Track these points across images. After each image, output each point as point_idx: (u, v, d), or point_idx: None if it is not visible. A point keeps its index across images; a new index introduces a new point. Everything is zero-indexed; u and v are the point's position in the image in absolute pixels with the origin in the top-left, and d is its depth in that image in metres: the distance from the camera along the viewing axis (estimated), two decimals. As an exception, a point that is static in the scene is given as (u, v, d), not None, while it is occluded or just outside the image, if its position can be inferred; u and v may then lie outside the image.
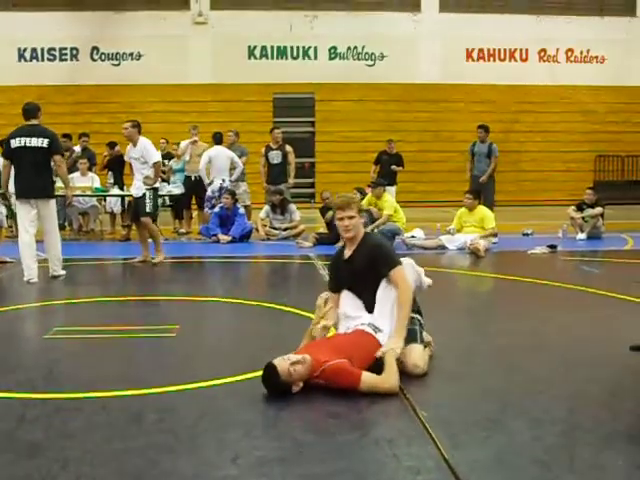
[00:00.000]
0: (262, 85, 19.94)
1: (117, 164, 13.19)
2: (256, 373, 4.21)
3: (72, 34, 19.67)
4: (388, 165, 15.30)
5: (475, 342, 5.41)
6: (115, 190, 12.85)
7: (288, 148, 13.06)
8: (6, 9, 19.55)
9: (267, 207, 12.53)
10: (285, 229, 12.31)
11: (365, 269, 4.63)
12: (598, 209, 12.16)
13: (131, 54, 20.07)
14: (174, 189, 12.96)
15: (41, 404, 3.98)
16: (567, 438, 3.46)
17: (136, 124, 9.38)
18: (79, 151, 13.58)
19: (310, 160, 20.48)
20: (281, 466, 3.14)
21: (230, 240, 11.75)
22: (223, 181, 12.50)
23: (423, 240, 11.49)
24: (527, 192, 20.37)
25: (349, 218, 4.67)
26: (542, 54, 21.21)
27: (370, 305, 4.62)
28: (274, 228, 12.38)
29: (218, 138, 12.88)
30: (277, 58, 20.53)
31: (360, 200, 11.67)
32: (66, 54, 19.95)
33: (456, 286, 8.47)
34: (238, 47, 20.21)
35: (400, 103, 20.20)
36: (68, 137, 13.35)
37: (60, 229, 9.20)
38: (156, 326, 5.81)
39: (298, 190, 16.69)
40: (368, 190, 12.08)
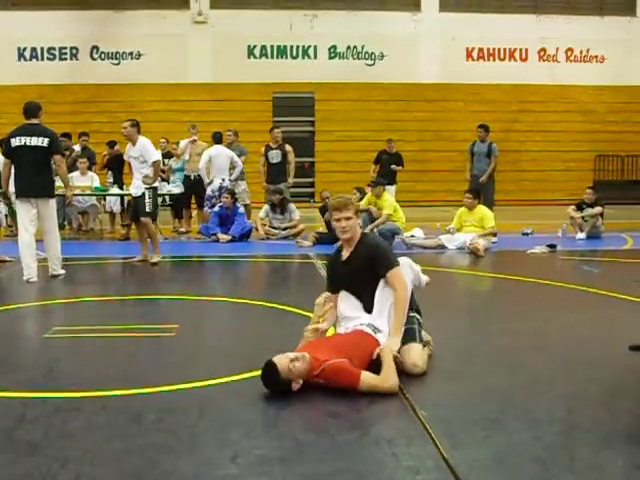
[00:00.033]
0: (262, 84, 19.94)
1: (117, 163, 13.19)
2: (255, 372, 4.20)
3: (72, 33, 19.67)
4: (388, 164, 15.30)
5: (474, 341, 5.41)
6: (115, 189, 12.86)
7: (288, 147, 13.06)
8: (6, 8, 19.55)
9: (267, 206, 12.53)
10: (285, 228, 12.31)
11: (363, 270, 4.62)
12: (598, 209, 12.17)
13: (131, 53, 20.07)
14: (174, 188, 12.95)
15: (41, 403, 3.98)
16: (566, 438, 3.46)
17: (135, 123, 9.37)
18: (79, 150, 13.58)
19: (310, 159, 20.49)
20: (281, 465, 3.14)
21: (230, 239, 11.75)
22: (223, 180, 12.50)
23: (423, 239, 11.51)
24: (527, 192, 20.38)
25: (346, 219, 4.66)
26: (542, 54, 21.21)
27: (369, 306, 4.62)
28: (274, 227, 12.38)
29: (218, 137, 12.88)
30: (277, 57, 20.53)
31: (360, 199, 11.76)
32: (66, 53, 19.95)
33: (455, 286, 8.47)
34: (238, 46, 20.21)
35: (400, 103, 20.21)
36: (68, 136, 13.34)
37: (60, 228, 9.20)
38: (155, 325, 5.81)
39: (298, 189, 16.68)
40: (368, 189, 12.07)
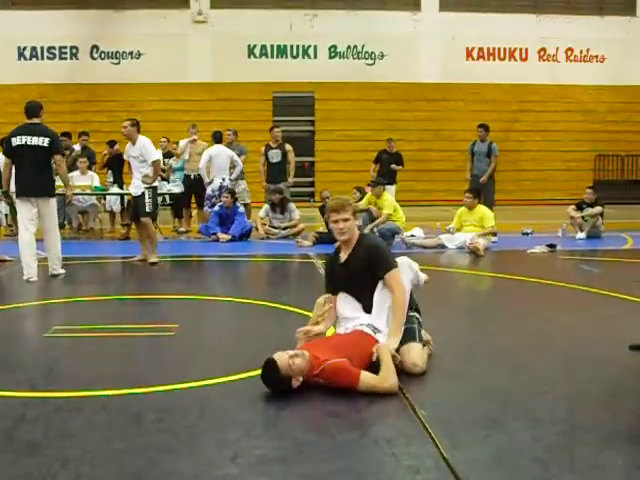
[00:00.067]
0: (262, 84, 19.94)
1: (117, 163, 13.18)
2: (255, 372, 4.20)
3: (72, 33, 19.67)
4: (388, 164, 15.30)
5: (475, 341, 5.41)
6: (115, 189, 12.85)
7: (288, 147, 13.05)
8: (6, 8, 19.56)
9: (267, 206, 12.53)
10: (285, 228, 12.30)
11: (362, 272, 4.60)
12: (598, 208, 12.17)
13: (131, 53, 20.07)
14: (174, 188, 12.94)
15: (41, 403, 3.97)
16: (567, 438, 3.45)
17: (135, 123, 9.38)
18: (79, 150, 13.58)
19: (310, 159, 20.50)
20: (281, 465, 3.14)
21: (230, 239, 11.75)
22: (223, 180, 12.50)
23: (423, 239, 11.50)
24: (527, 191, 20.38)
25: (344, 221, 4.63)
26: (542, 53, 21.21)
27: (368, 307, 4.61)
28: (274, 227, 12.37)
29: (218, 137, 12.88)
30: (277, 57, 20.53)
31: (360, 199, 11.77)
32: (66, 53, 19.96)
33: (455, 285, 8.47)
34: (238, 46, 20.21)
35: (400, 102, 20.21)
36: (68, 136, 13.34)
37: (60, 228, 9.19)
38: (155, 325, 5.81)
39: (298, 189, 16.69)
40: (368, 189, 12.07)
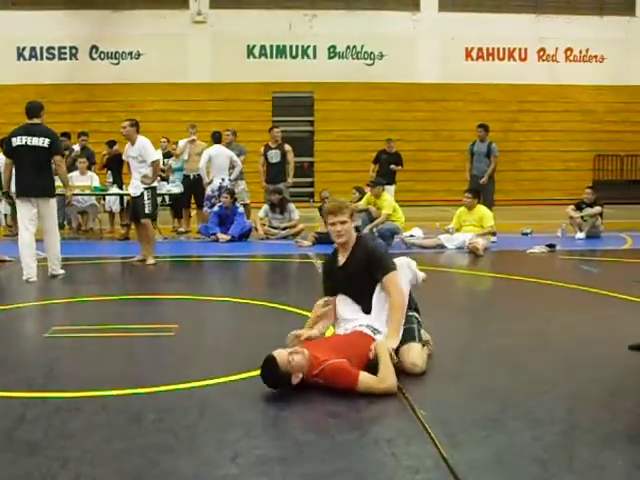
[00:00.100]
0: (261, 84, 19.95)
1: (116, 163, 13.17)
2: (255, 372, 4.20)
3: (71, 33, 19.67)
4: (387, 164, 15.30)
5: (474, 341, 5.42)
6: (114, 189, 12.84)
7: (287, 147, 13.05)
8: (5, 8, 19.56)
9: (266, 206, 12.52)
10: (284, 228, 12.30)
11: (360, 275, 4.58)
12: (597, 208, 12.17)
13: (130, 53, 20.07)
14: (173, 188, 12.94)
15: (41, 403, 3.97)
16: (567, 438, 3.45)
17: (134, 123, 9.38)
18: (78, 150, 13.58)
19: (309, 159, 20.50)
20: (281, 465, 3.14)
21: (229, 239, 11.75)
22: (223, 180, 12.51)
23: (422, 239, 11.50)
24: (526, 191, 20.39)
25: (341, 223, 4.60)
26: (541, 53, 21.22)
27: (367, 308, 4.60)
28: (273, 227, 12.37)
29: (217, 137, 12.89)
30: (276, 57, 20.53)
31: (359, 199, 11.77)
32: (65, 53, 19.96)
33: (455, 285, 8.47)
34: (237, 46, 20.21)
35: (399, 102, 20.21)
36: (67, 136, 13.34)
37: (59, 228, 9.19)
38: (155, 325, 5.81)
39: (297, 189, 16.67)
40: (367, 189, 12.07)
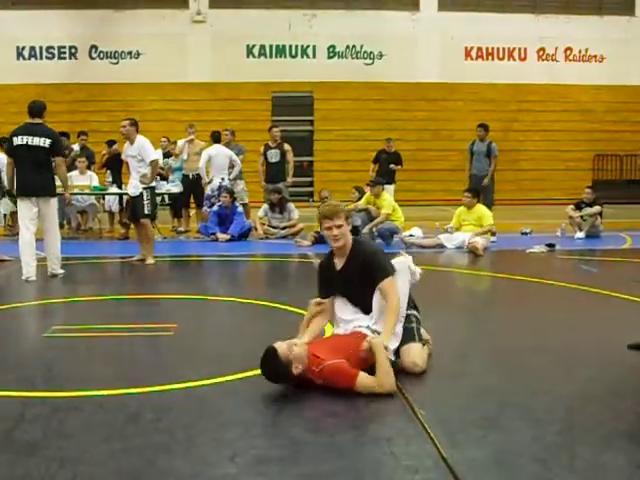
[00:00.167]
0: (261, 84, 19.95)
1: (115, 162, 13.16)
2: (254, 372, 4.20)
3: (71, 32, 19.67)
4: (387, 164, 15.30)
5: (473, 341, 5.41)
6: (113, 189, 12.83)
7: (286, 147, 13.05)
8: (5, 7, 19.56)
9: (265, 206, 12.53)
10: (283, 228, 12.30)
11: (359, 278, 4.54)
12: (596, 208, 12.17)
13: (130, 52, 20.07)
14: (173, 187, 12.93)
15: (40, 403, 3.97)
16: (567, 437, 3.45)
17: (134, 122, 9.38)
18: (77, 149, 13.57)
19: (309, 159, 20.51)
20: (279, 465, 3.14)
21: (228, 239, 11.75)
22: (222, 180, 12.51)
23: (421, 239, 11.49)
24: (526, 191, 20.39)
25: (337, 227, 4.53)
26: (541, 53, 21.22)
27: (366, 309, 4.58)
28: (272, 227, 12.37)
29: (216, 137, 12.90)
30: (276, 57, 20.53)
31: (358, 199, 11.77)
32: (65, 52, 19.96)
33: (454, 285, 8.47)
34: (237, 46, 20.21)
35: (399, 102, 20.21)
36: (66, 135, 13.30)
37: (59, 228, 9.18)
38: (154, 325, 5.80)
39: (297, 189, 16.68)
40: (367, 189, 12.07)
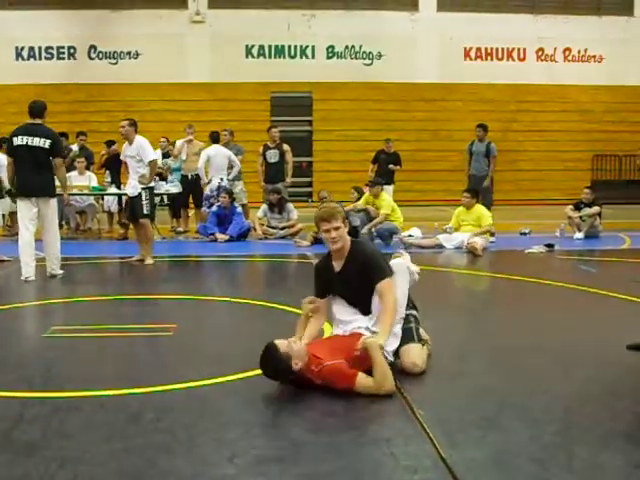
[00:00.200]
0: (260, 84, 19.93)
1: (114, 163, 13.14)
2: (253, 372, 4.21)
3: (70, 33, 19.64)
4: (386, 164, 15.32)
5: (472, 341, 5.42)
6: (112, 189, 12.81)
7: (285, 147, 13.05)
8: (3, 8, 19.53)
9: (265, 206, 12.52)
10: (283, 228, 12.29)
11: (359, 280, 4.54)
12: (595, 208, 12.17)
13: (129, 53, 20.04)
14: (172, 188, 12.92)
15: (39, 403, 3.97)
16: (565, 437, 3.46)
17: (133, 123, 9.39)
18: (76, 150, 13.56)
19: (308, 159, 20.49)
20: (279, 465, 3.14)
21: (227, 239, 11.75)
22: (221, 180, 12.50)
23: (420, 239, 11.49)
24: (525, 191, 20.38)
25: (335, 229, 4.52)
26: (540, 53, 21.22)
27: (364, 310, 4.58)
28: (272, 227, 12.37)
29: (215, 137, 12.89)
30: (275, 57, 20.51)
31: (357, 199, 11.78)
32: (64, 53, 19.93)
33: (453, 285, 8.47)
34: (236, 46, 20.18)
35: (398, 102, 20.20)
36: (65, 136, 13.28)
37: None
38: (153, 325, 5.81)
39: (296, 189, 16.69)
40: (366, 189, 12.07)
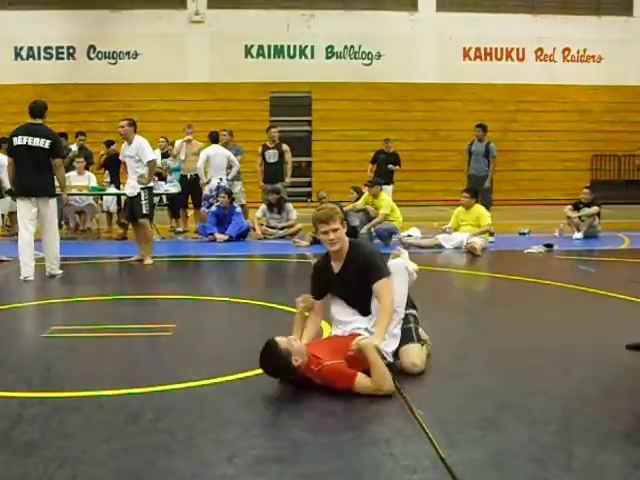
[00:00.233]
0: (259, 84, 19.94)
1: (114, 163, 13.14)
2: (254, 372, 4.21)
3: (69, 33, 19.64)
4: (385, 164, 15.32)
5: (472, 341, 5.42)
6: (112, 189, 12.81)
7: (285, 147, 13.05)
8: (2, 7, 19.53)
9: (264, 206, 12.52)
10: (282, 228, 12.29)
11: (358, 281, 4.53)
12: (594, 208, 12.18)
13: (128, 53, 20.04)
14: (171, 188, 12.92)
15: (38, 403, 3.97)
16: (564, 437, 3.46)
17: (132, 123, 9.38)
18: (75, 150, 13.56)
19: (307, 159, 20.50)
20: (278, 465, 3.14)
21: (227, 239, 11.75)
22: (220, 180, 12.50)
23: (420, 239, 11.49)
24: (524, 191, 20.39)
25: (333, 231, 4.51)
26: (539, 53, 21.23)
27: (363, 311, 4.58)
28: (271, 227, 12.37)
29: (214, 137, 12.89)
30: (274, 57, 20.52)
31: (357, 199, 11.78)
32: (63, 53, 19.93)
33: (453, 285, 8.47)
34: (235, 46, 20.19)
35: (397, 102, 20.21)
36: (64, 136, 13.28)
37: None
38: (153, 325, 5.81)
39: (295, 189, 16.69)
40: (365, 189, 12.08)
